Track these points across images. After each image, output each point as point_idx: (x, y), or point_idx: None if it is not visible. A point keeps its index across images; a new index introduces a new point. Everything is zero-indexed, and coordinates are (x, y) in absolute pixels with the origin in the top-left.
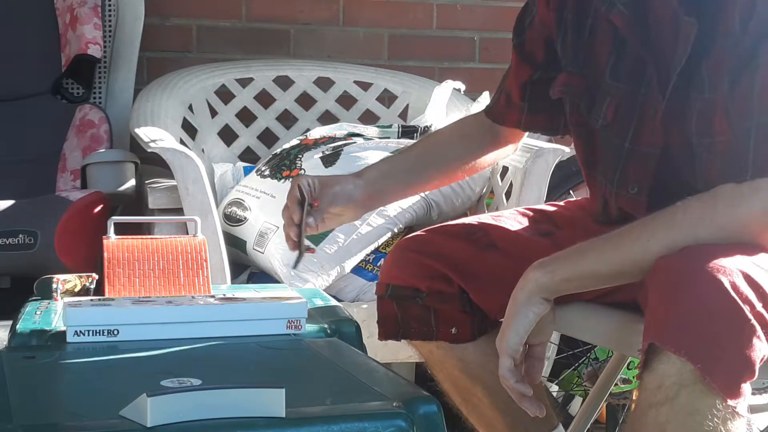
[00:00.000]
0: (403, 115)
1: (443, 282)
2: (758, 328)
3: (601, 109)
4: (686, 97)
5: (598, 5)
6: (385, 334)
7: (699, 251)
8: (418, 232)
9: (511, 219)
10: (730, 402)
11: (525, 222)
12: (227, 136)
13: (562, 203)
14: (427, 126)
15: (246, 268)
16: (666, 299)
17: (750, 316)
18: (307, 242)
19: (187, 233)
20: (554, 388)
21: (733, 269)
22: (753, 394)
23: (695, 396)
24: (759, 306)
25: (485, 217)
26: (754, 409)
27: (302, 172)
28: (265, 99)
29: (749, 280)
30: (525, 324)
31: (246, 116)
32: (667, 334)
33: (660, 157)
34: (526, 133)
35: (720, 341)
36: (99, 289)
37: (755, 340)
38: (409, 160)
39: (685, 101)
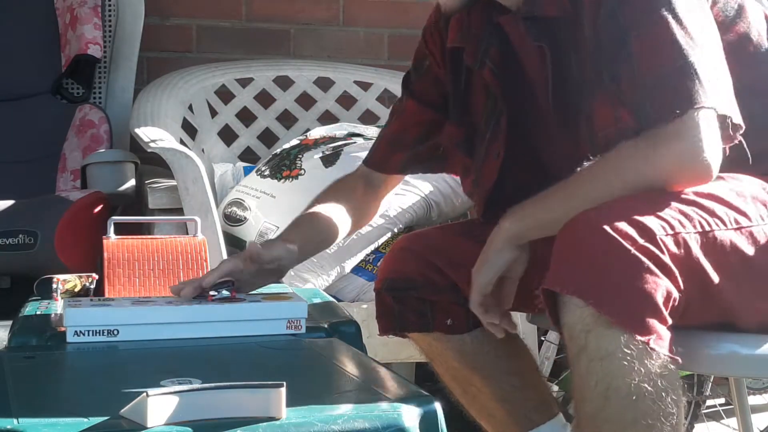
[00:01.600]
0: None
1: (437, 273)
2: (646, 261)
3: (476, 150)
4: (571, 110)
5: (470, 64)
6: (384, 329)
7: (591, 209)
8: (417, 231)
9: None
10: (639, 338)
11: None
12: (227, 136)
13: None
14: None
15: None
16: (555, 251)
17: (630, 248)
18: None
19: (187, 233)
20: (554, 388)
21: (611, 213)
22: (753, 394)
23: (601, 338)
24: (642, 241)
25: None
26: (754, 410)
27: (302, 172)
28: (265, 99)
29: (629, 219)
30: (496, 268)
31: (246, 116)
32: (553, 277)
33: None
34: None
35: (606, 275)
36: (99, 289)
37: (647, 275)
38: (319, 238)
39: (571, 115)
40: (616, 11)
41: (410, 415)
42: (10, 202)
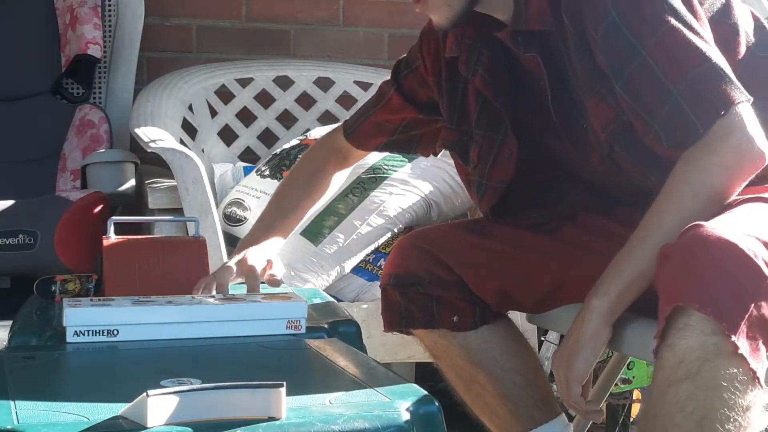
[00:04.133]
0: None
1: (444, 270)
2: None
3: (469, 154)
4: (572, 113)
5: (465, 73)
6: (389, 325)
7: (702, 225)
8: (422, 228)
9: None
10: (752, 364)
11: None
12: (227, 136)
13: None
14: None
15: None
16: (682, 269)
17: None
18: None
19: (187, 233)
20: (555, 388)
21: (742, 232)
22: None
23: (717, 369)
24: None
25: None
26: None
27: None
28: (265, 99)
29: (761, 240)
30: (594, 355)
31: (246, 116)
32: (690, 294)
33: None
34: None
35: (741, 299)
36: (99, 289)
37: None
38: (283, 214)
39: (573, 118)
40: (620, 23)
41: (410, 415)
42: (10, 202)
